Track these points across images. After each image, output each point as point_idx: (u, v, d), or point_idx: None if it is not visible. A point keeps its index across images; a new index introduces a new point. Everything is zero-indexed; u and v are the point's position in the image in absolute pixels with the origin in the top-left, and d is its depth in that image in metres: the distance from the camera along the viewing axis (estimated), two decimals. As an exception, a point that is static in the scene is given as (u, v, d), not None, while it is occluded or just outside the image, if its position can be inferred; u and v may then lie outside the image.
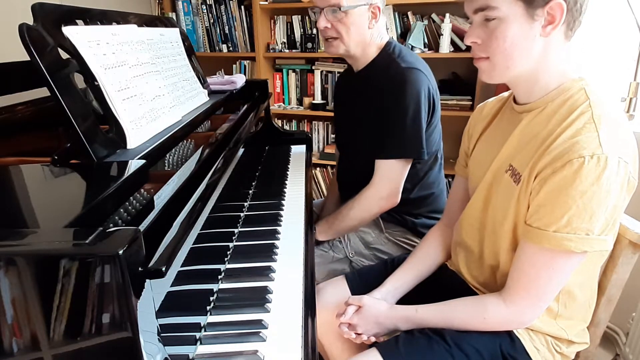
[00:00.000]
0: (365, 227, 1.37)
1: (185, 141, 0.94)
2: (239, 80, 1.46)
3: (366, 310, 0.96)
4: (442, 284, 1.04)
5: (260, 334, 0.73)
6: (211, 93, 1.30)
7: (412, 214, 1.36)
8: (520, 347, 0.85)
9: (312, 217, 1.29)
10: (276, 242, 1.03)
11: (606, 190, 0.69)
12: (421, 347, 0.86)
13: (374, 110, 1.27)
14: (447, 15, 2.24)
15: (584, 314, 0.90)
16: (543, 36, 0.75)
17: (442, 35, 2.26)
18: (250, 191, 1.30)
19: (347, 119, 1.43)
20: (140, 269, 0.49)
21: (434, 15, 2.34)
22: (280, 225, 1.12)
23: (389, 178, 1.26)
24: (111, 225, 0.53)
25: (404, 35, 2.40)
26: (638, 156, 0.75)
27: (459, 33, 2.26)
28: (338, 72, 2.61)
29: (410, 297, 1.04)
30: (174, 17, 2.75)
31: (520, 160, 0.81)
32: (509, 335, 0.86)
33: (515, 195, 0.80)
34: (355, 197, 1.30)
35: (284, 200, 1.27)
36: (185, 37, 1.25)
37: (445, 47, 2.27)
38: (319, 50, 2.58)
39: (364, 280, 1.13)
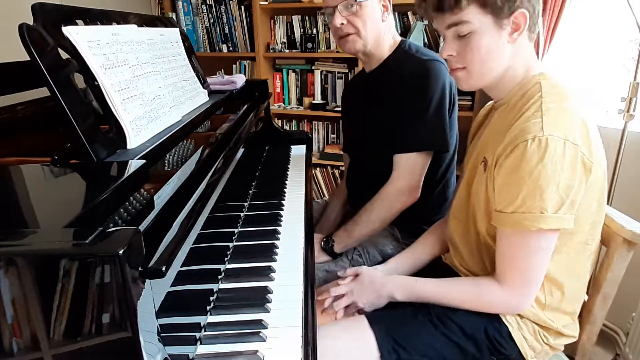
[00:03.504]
0: (383, 239, 1.35)
1: (185, 141, 0.94)
2: (239, 80, 1.46)
3: (364, 276, 0.98)
4: (436, 275, 1.05)
5: (260, 334, 0.73)
6: (211, 93, 1.30)
7: (428, 221, 1.31)
8: (506, 333, 0.87)
9: (312, 217, 1.29)
10: (276, 242, 1.03)
11: (552, 169, 0.74)
12: (406, 315, 0.91)
13: (390, 107, 1.26)
14: (447, 15, 2.24)
15: (573, 306, 0.91)
16: (510, 42, 0.83)
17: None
18: (250, 191, 1.30)
19: (359, 123, 1.41)
20: (140, 269, 0.49)
21: (434, 15, 2.34)
22: (280, 225, 1.12)
23: (410, 172, 1.25)
24: (111, 225, 0.53)
25: (403, 35, 2.40)
26: (597, 141, 0.80)
27: (459, 33, 2.26)
28: (338, 72, 2.61)
29: None
30: (174, 17, 2.75)
31: (491, 151, 0.85)
32: (497, 319, 0.88)
33: (484, 183, 0.86)
34: (374, 197, 1.28)
35: (284, 200, 1.27)
36: (185, 37, 1.25)
37: (445, 47, 2.27)
38: (319, 50, 2.58)
39: None
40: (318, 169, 2.73)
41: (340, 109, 2.20)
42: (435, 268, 1.09)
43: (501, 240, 0.84)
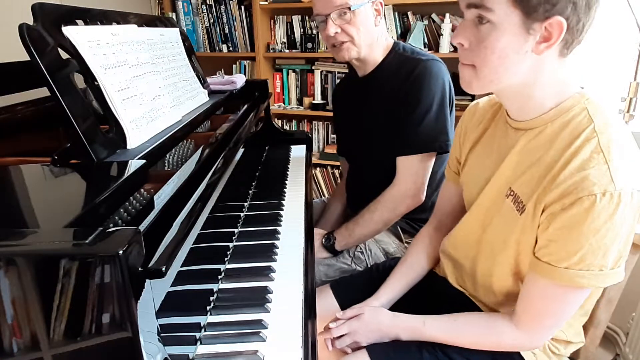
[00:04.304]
0: (385, 237, 1.35)
1: (185, 141, 0.94)
2: (239, 80, 1.46)
3: (368, 319, 0.93)
4: (433, 291, 1.03)
5: (260, 334, 0.73)
6: (211, 93, 1.29)
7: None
8: (516, 353, 0.84)
9: (312, 218, 1.29)
10: (276, 242, 1.03)
11: (620, 224, 0.66)
12: (411, 352, 0.86)
13: (389, 110, 1.25)
14: (447, 15, 2.24)
15: (585, 309, 0.87)
16: (535, 53, 0.69)
17: (442, 35, 2.27)
18: (250, 191, 1.30)
19: (355, 127, 1.40)
20: (140, 269, 0.49)
21: (434, 15, 2.34)
22: (280, 225, 1.12)
23: (414, 174, 1.24)
24: (111, 225, 0.53)
25: (404, 35, 2.40)
26: None
27: (459, 33, 2.26)
28: (338, 72, 2.61)
29: (400, 305, 1.02)
30: (174, 17, 2.75)
31: (522, 186, 0.77)
32: None
33: (519, 225, 0.77)
34: (377, 199, 1.27)
35: (284, 200, 1.27)
36: (185, 37, 1.25)
37: (445, 47, 2.27)
38: (319, 50, 2.58)
39: (351, 290, 1.11)
40: (318, 169, 2.73)
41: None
42: (430, 283, 1.05)
43: (534, 288, 0.76)
